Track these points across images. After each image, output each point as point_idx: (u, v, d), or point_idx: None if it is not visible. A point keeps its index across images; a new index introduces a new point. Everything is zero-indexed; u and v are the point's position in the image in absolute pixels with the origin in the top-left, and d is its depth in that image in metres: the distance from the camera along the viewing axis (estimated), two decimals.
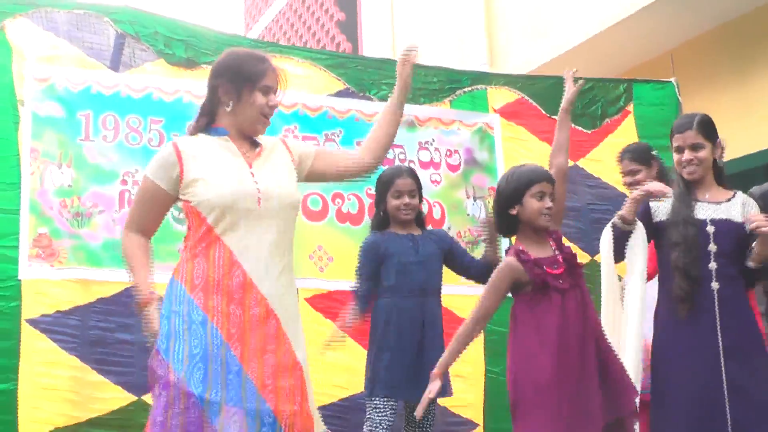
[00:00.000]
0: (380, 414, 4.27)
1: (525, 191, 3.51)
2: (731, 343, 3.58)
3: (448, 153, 5.82)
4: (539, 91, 6.23)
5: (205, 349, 2.99)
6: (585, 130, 6.22)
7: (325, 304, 5.18)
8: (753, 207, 3.82)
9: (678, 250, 3.70)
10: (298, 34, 14.17)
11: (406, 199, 4.49)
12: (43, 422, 4.58)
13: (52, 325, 4.67)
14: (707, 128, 3.85)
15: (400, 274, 4.39)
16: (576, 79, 4.48)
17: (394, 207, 4.50)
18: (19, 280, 4.66)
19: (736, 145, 6.71)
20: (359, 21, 12.44)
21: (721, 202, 3.82)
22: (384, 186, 4.55)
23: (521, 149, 6.09)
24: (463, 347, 3.50)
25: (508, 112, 6.12)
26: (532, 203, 3.50)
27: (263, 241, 3.14)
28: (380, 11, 11.72)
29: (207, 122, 3.33)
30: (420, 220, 4.63)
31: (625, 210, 3.84)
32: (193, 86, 5.20)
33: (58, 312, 4.71)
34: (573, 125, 6.06)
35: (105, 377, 4.67)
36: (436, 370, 3.49)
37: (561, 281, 3.42)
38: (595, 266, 5.72)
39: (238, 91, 3.25)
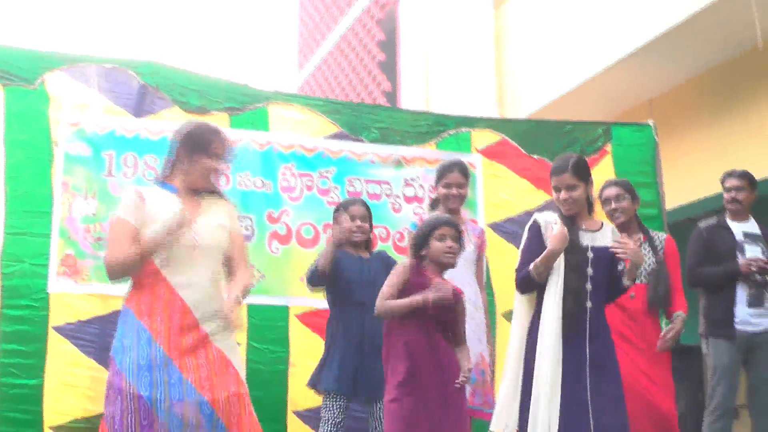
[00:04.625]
0: (329, 411, 4.90)
1: (430, 235, 4.34)
2: (594, 353, 4.16)
3: (432, 189, 6.39)
4: (520, 133, 6.81)
5: (150, 361, 3.77)
6: None
7: (313, 320, 5.81)
8: (617, 235, 4.42)
9: (573, 275, 4.22)
10: (344, 72, 14.98)
11: (358, 222, 5.16)
12: (65, 413, 5.34)
13: (74, 332, 5.45)
14: (581, 170, 4.36)
15: (347, 290, 5.09)
16: None
17: (347, 229, 5.12)
18: (48, 293, 5.45)
19: (712, 185, 7.27)
20: (398, 62, 13.21)
21: (595, 231, 4.37)
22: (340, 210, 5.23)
23: (502, 185, 6.68)
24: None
25: (490, 152, 6.68)
26: (436, 245, 4.30)
27: (198, 276, 3.96)
28: (416, 54, 12.48)
29: (166, 175, 4.12)
30: (368, 244, 5.32)
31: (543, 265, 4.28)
32: None
33: (80, 321, 5.47)
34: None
35: None
36: None
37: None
38: None
39: (191, 153, 4.03)
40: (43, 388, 5.35)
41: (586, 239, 4.33)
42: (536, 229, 4.41)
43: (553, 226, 4.31)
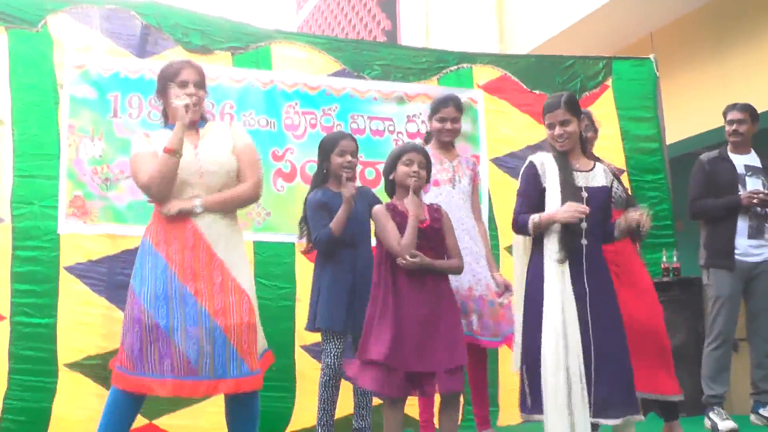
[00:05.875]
0: (330, 343, 4.94)
1: (397, 160, 4.41)
2: (594, 288, 4.20)
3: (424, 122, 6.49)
4: (521, 69, 6.88)
5: (166, 291, 3.90)
6: None
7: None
8: (610, 174, 4.48)
9: None
10: (343, 12, 14.93)
11: (349, 158, 5.04)
12: (78, 351, 5.47)
13: (85, 272, 5.55)
14: (573, 106, 4.40)
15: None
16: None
17: (338, 165, 5.03)
18: (58, 234, 5.54)
19: (713, 119, 7.32)
20: (398, 0, 13.16)
21: (588, 171, 4.41)
22: (329, 146, 5.08)
23: (503, 120, 6.78)
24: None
25: (492, 88, 6.77)
26: (402, 168, 4.39)
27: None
28: None
29: (165, 120, 4.28)
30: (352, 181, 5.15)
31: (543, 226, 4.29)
32: (207, 70, 5.74)
33: (90, 261, 5.58)
34: None
35: None
36: None
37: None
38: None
39: (164, 91, 4.19)
40: (56, 326, 5.47)
41: (580, 179, 4.36)
42: (533, 170, 4.42)
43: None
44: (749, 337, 6.09)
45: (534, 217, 4.29)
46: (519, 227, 4.41)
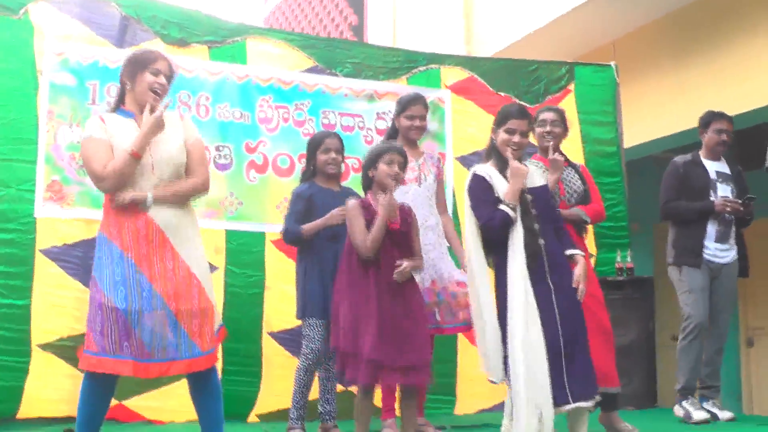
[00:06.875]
0: (313, 330, 5.17)
1: (379, 159, 4.59)
2: (556, 282, 4.41)
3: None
4: (488, 71, 7.12)
5: (124, 276, 4.01)
6: (528, 105, 6.90)
7: (288, 246, 5.71)
8: (544, 170, 4.87)
9: (528, 216, 4.44)
10: (311, 5, 15.01)
11: (333, 155, 5.30)
12: (52, 333, 5.62)
13: (60, 255, 5.70)
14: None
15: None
16: None
17: (323, 161, 5.31)
18: (35, 218, 5.67)
19: (671, 124, 7.57)
20: None
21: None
22: (315, 144, 5.34)
23: (469, 120, 6.99)
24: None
25: (459, 89, 7.00)
26: (382, 167, 4.58)
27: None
28: None
29: (118, 103, 4.31)
30: (338, 177, 5.42)
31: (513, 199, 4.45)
32: (184, 62, 6.10)
33: (66, 244, 5.73)
34: (518, 101, 7.01)
35: None
36: None
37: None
38: None
39: (134, 73, 4.23)
40: (30, 308, 5.60)
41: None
42: (482, 180, 4.54)
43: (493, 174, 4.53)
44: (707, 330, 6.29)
45: (503, 207, 4.41)
46: (500, 225, 4.43)
